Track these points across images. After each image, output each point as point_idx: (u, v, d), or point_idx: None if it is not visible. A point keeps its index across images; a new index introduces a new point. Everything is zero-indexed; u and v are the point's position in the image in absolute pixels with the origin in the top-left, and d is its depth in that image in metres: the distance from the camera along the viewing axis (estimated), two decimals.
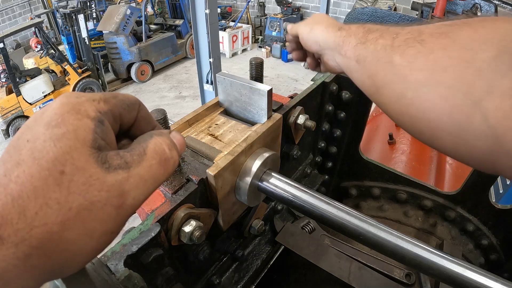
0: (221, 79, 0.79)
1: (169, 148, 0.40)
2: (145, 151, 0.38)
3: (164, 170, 0.39)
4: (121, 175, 0.34)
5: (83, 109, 0.35)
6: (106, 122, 0.37)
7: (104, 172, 0.33)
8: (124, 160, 0.35)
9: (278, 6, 10.94)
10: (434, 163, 1.90)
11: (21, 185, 0.30)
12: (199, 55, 5.10)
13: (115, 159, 0.35)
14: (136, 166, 0.36)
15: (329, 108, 1.12)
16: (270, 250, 1.03)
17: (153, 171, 0.38)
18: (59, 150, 0.31)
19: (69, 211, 0.31)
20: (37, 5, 12.04)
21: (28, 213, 0.30)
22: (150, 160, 0.38)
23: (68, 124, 0.33)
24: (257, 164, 0.70)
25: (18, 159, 0.31)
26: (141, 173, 0.36)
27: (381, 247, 0.61)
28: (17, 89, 7.07)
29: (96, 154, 0.33)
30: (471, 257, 1.22)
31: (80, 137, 0.33)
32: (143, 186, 0.36)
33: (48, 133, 0.32)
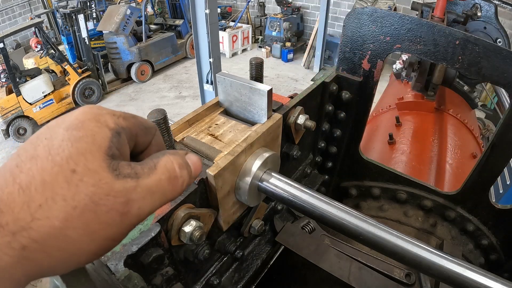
0: (221, 79, 0.79)
1: (179, 167, 0.41)
2: (156, 166, 0.39)
3: (172, 187, 0.40)
4: (130, 184, 0.35)
5: (103, 119, 0.36)
6: (123, 135, 0.38)
7: (113, 178, 0.34)
8: (135, 170, 0.36)
9: (278, 6, 10.93)
10: (434, 163, 1.90)
11: (31, 177, 0.31)
12: (199, 55, 5.10)
13: (126, 168, 0.36)
14: (145, 178, 0.37)
15: (329, 108, 1.11)
16: (270, 250, 1.03)
17: (161, 185, 0.38)
18: (75, 150, 0.33)
19: (74, 209, 0.31)
20: (37, 5, 12.04)
21: (32, 204, 0.30)
22: (160, 174, 0.38)
23: (87, 129, 0.34)
24: (257, 164, 0.70)
25: (33, 154, 0.32)
26: (149, 185, 0.37)
27: (381, 247, 0.61)
28: (17, 89, 7.06)
29: (109, 160, 0.34)
30: (471, 257, 1.22)
31: (97, 142, 0.34)
32: (150, 198, 0.37)
33: (67, 134, 0.33)
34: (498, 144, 0.97)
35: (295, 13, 10.88)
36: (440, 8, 2.23)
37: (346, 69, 1.10)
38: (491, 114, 6.32)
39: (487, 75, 0.87)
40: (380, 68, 1.04)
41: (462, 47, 0.86)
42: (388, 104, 2.64)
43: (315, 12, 10.84)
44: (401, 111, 2.43)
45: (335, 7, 10.27)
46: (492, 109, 6.54)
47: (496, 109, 4.51)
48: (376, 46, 1.01)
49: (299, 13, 11.04)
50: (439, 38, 0.89)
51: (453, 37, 0.87)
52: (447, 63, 0.91)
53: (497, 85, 0.88)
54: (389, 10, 1.01)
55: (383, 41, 0.99)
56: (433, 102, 2.37)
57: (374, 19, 0.97)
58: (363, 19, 0.99)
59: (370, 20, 0.98)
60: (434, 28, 0.89)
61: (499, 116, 4.21)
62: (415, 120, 2.30)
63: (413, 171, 1.81)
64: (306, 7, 11.21)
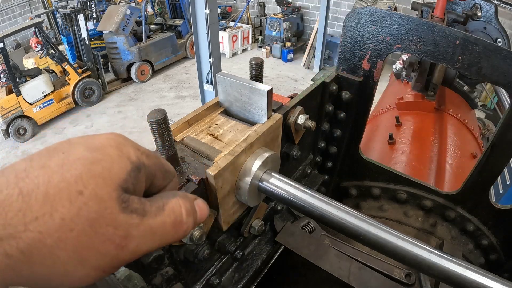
0: (221, 79, 0.79)
1: (187, 214, 0.40)
2: (164, 207, 0.38)
3: (174, 232, 0.39)
4: (134, 220, 0.34)
5: (126, 150, 0.36)
6: (142, 172, 0.37)
7: (119, 210, 0.33)
8: (143, 207, 0.35)
9: (278, 6, 10.93)
10: (434, 163, 1.90)
11: (35, 185, 0.30)
12: (199, 55, 5.10)
13: (135, 203, 0.35)
14: (151, 217, 0.36)
15: (329, 108, 1.12)
16: (270, 250, 1.03)
17: (164, 228, 0.37)
18: (88, 171, 0.32)
19: (70, 231, 0.30)
20: (37, 5, 12.04)
21: (28, 214, 0.29)
22: (166, 217, 0.38)
23: (107, 155, 0.34)
24: (257, 164, 0.70)
25: (44, 163, 0.31)
26: (152, 226, 0.36)
27: (381, 247, 0.61)
28: (17, 89, 7.06)
29: (120, 192, 0.33)
30: (471, 257, 1.22)
31: (114, 171, 0.33)
32: (150, 238, 0.36)
33: (86, 154, 0.33)
34: (498, 144, 0.97)
35: (295, 13, 10.88)
36: (440, 8, 2.23)
37: (346, 69, 1.10)
38: (491, 114, 6.33)
39: (487, 75, 0.87)
40: (380, 68, 1.04)
41: (462, 47, 0.86)
42: (388, 104, 2.64)
43: (315, 12, 10.84)
44: (401, 111, 2.43)
45: (335, 7, 10.27)
46: (492, 109, 6.54)
47: (496, 109, 4.51)
48: (376, 46, 1.01)
49: (299, 13, 11.04)
50: (439, 38, 0.89)
51: (453, 37, 0.87)
52: (447, 63, 0.91)
53: (497, 85, 0.88)
54: (389, 10, 1.01)
55: (383, 41, 0.99)
56: (433, 102, 2.37)
57: (374, 19, 0.97)
58: (363, 19, 0.99)
59: (370, 20, 0.98)
60: (434, 28, 0.89)
61: (499, 116, 4.21)
62: (415, 120, 2.30)
63: (413, 171, 1.81)
64: (306, 7, 11.21)
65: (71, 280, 0.32)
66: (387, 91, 3.19)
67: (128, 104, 8.70)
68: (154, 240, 0.37)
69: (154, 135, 0.59)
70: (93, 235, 0.31)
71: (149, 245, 0.36)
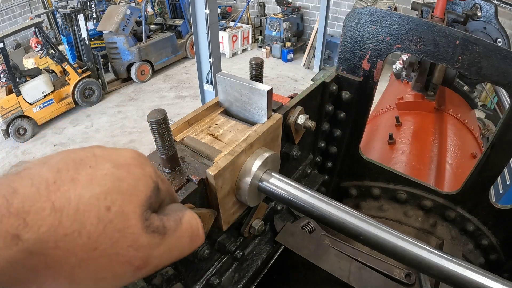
0: (221, 79, 0.79)
1: (202, 227, 0.42)
2: (181, 221, 0.38)
3: (191, 245, 0.40)
4: (155, 240, 0.34)
5: (148, 169, 0.37)
6: (161, 192, 0.38)
7: (142, 230, 0.33)
8: (163, 223, 0.35)
9: (278, 6, 10.93)
10: (434, 163, 1.90)
11: (67, 199, 0.29)
12: (199, 55, 5.10)
13: (157, 220, 0.35)
14: (170, 235, 0.36)
15: (329, 108, 1.12)
16: (270, 250, 1.03)
17: (181, 244, 0.38)
18: (116, 187, 0.32)
19: (94, 251, 0.30)
20: (37, 5, 12.04)
21: (59, 231, 0.28)
22: (184, 231, 0.38)
23: (133, 173, 0.34)
24: (257, 164, 0.70)
25: (74, 176, 0.31)
26: (171, 244, 0.36)
27: (381, 247, 0.61)
28: (17, 89, 7.06)
29: (144, 208, 0.33)
30: (471, 257, 1.22)
31: (139, 189, 0.34)
32: (167, 256, 0.36)
33: (113, 170, 0.33)
34: (498, 144, 0.97)
35: (295, 13, 10.88)
36: (440, 8, 2.23)
37: (346, 69, 1.10)
38: (491, 114, 6.33)
39: (487, 75, 0.87)
40: (380, 68, 1.04)
41: (462, 47, 0.86)
42: (388, 104, 2.64)
43: (315, 12, 10.84)
44: (401, 111, 2.43)
45: (335, 7, 10.27)
46: (492, 109, 6.54)
47: (496, 109, 4.52)
48: (376, 46, 1.01)
49: (299, 13, 11.04)
50: (439, 38, 0.89)
51: (453, 37, 0.87)
52: (447, 63, 0.91)
53: (497, 85, 0.88)
54: (389, 10, 1.01)
55: (383, 41, 0.99)
56: (433, 102, 2.37)
57: (374, 19, 0.97)
58: (363, 19, 0.99)
59: (370, 20, 0.98)
60: (434, 28, 0.88)
61: (499, 116, 4.21)
62: (415, 120, 2.30)
63: (413, 171, 1.81)
64: (306, 7, 11.22)
65: None
66: (387, 91, 3.19)
67: (128, 104, 8.70)
68: (170, 258, 0.37)
69: (154, 135, 0.59)
70: (114, 256, 0.31)
71: (166, 262, 0.37)
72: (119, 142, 7.22)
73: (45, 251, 0.28)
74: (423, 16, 2.49)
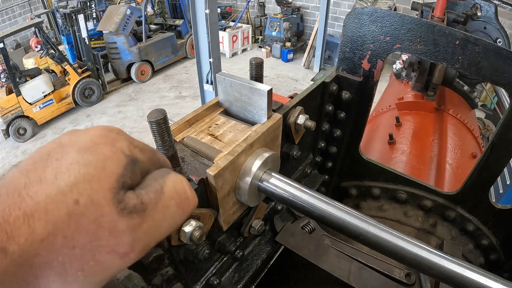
0: (221, 79, 0.79)
1: (189, 187, 0.37)
2: (163, 189, 0.35)
3: (182, 212, 0.36)
4: (135, 221, 0.31)
5: (119, 144, 0.34)
6: (138, 165, 0.34)
7: (117, 215, 0.30)
8: (141, 199, 0.33)
9: (278, 6, 10.93)
10: (434, 163, 1.90)
11: (36, 203, 0.28)
12: (199, 55, 5.10)
13: (132, 199, 0.32)
14: (152, 209, 0.33)
15: (329, 108, 1.12)
16: (270, 250, 1.03)
17: (170, 214, 0.35)
18: (82, 176, 0.30)
19: (73, 249, 0.29)
20: (37, 5, 12.04)
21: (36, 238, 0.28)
22: (168, 200, 0.35)
23: (100, 153, 0.32)
24: (257, 164, 0.70)
25: (41, 176, 0.30)
26: (156, 218, 0.33)
27: (381, 247, 0.61)
28: (17, 89, 7.06)
29: (116, 190, 0.31)
30: (471, 257, 1.22)
31: (108, 168, 0.31)
32: (156, 232, 0.34)
33: (77, 157, 0.31)
34: (498, 144, 0.97)
35: (295, 13, 10.88)
36: (440, 8, 2.23)
37: (346, 69, 1.10)
38: (491, 114, 6.33)
39: (487, 75, 0.87)
40: (380, 68, 1.04)
41: (462, 47, 0.86)
42: (388, 104, 2.64)
43: (315, 12, 10.84)
44: (401, 111, 2.43)
45: (335, 7, 10.27)
46: (492, 109, 6.54)
47: (496, 109, 4.52)
48: (376, 46, 1.01)
49: (299, 13, 11.04)
50: (439, 38, 0.89)
51: (453, 37, 0.87)
52: (447, 63, 0.91)
53: (497, 85, 0.88)
54: (389, 10, 1.01)
55: (383, 41, 0.99)
56: (433, 102, 2.37)
57: (374, 19, 0.97)
58: (363, 19, 0.99)
59: (370, 20, 0.98)
60: (434, 28, 0.88)
61: (499, 116, 4.21)
62: (415, 120, 2.30)
63: (413, 171, 1.81)
64: (306, 7, 11.21)
65: None
66: (387, 91, 3.19)
67: (128, 104, 8.70)
68: (160, 233, 0.34)
69: (154, 135, 0.59)
70: (96, 249, 0.30)
71: (157, 239, 0.34)
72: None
73: (30, 261, 0.28)
74: (423, 16, 2.49)
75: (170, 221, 0.35)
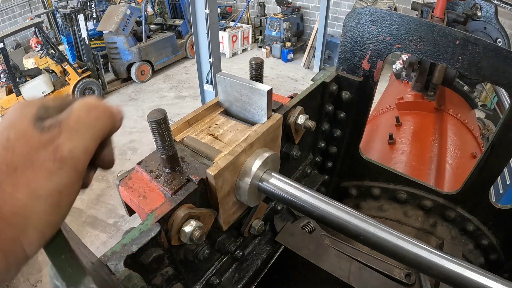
0: (221, 79, 0.79)
1: (95, 100, 0.43)
2: (72, 107, 0.41)
3: (95, 117, 0.42)
4: (54, 132, 0.38)
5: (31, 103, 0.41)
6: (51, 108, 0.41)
7: (39, 133, 0.37)
8: (57, 119, 0.39)
9: (278, 6, 10.92)
10: (434, 163, 1.90)
11: None
12: (199, 55, 5.10)
13: (49, 121, 0.39)
14: (65, 120, 0.40)
15: (329, 108, 1.11)
16: (270, 250, 1.03)
17: (82, 120, 0.41)
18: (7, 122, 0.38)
19: (15, 171, 0.35)
20: (37, 5, 12.03)
21: None
22: (77, 112, 0.41)
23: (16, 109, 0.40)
24: (257, 164, 0.70)
25: None
26: (71, 125, 0.39)
27: (381, 247, 0.61)
28: (17, 89, 7.06)
29: (35, 121, 0.38)
30: (471, 257, 1.22)
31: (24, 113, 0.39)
32: (76, 136, 0.39)
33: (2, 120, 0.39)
34: (498, 144, 0.97)
35: (295, 13, 10.87)
36: (440, 8, 2.23)
37: (346, 69, 1.10)
38: (491, 114, 6.32)
39: (487, 75, 0.87)
40: (380, 68, 1.04)
41: (462, 47, 0.86)
42: (388, 104, 2.64)
43: (315, 12, 10.83)
44: (401, 111, 2.43)
45: (335, 7, 10.26)
46: (492, 109, 6.54)
47: (496, 109, 4.52)
48: (376, 46, 1.01)
49: (299, 13, 11.03)
50: (439, 38, 0.89)
51: (453, 37, 0.87)
52: (447, 63, 0.91)
53: (497, 85, 0.88)
54: (389, 10, 1.01)
55: (383, 41, 0.99)
56: (433, 102, 2.37)
57: (374, 19, 0.97)
58: (363, 19, 0.99)
59: (370, 20, 0.98)
60: (434, 28, 0.89)
61: (499, 116, 4.21)
62: (415, 120, 2.30)
63: (413, 171, 1.81)
64: (306, 7, 11.21)
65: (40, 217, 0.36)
66: (387, 91, 3.19)
67: (128, 104, 8.69)
68: (81, 136, 0.40)
69: (154, 135, 0.59)
70: (32, 164, 0.36)
71: (80, 141, 0.40)
72: (119, 142, 7.22)
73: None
74: (423, 16, 2.49)
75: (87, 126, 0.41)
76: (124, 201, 0.68)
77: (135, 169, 0.69)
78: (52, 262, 0.39)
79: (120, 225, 5.07)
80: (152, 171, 0.67)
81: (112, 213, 5.23)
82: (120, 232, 4.90)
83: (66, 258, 0.39)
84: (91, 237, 4.86)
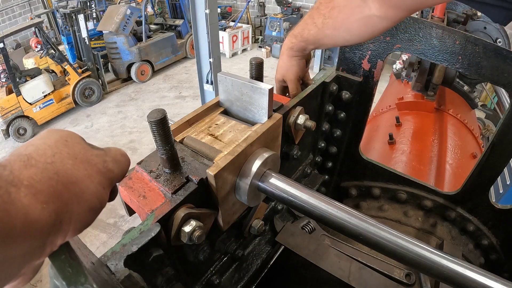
0: (222, 79, 0.79)
1: (123, 152, 0.55)
2: (109, 148, 0.52)
3: (125, 160, 0.53)
4: (102, 151, 0.49)
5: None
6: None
7: (90, 147, 0.48)
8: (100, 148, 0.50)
9: (278, 6, 10.92)
10: (434, 163, 1.90)
11: (35, 147, 0.42)
12: (199, 55, 5.10)
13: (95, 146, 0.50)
14: (107, 150, 0.51)
15: (329, 108, 1.12)
16: (270, 250, 1.03)
17: (118, 157, 0.52)
18: (61, 136, 0.46)
19: (76, 158, 0.44)
20: (37, 5, 12.03)
21: (48, 152, 0.41)
22: (114, 151, 0.52)
23: (60, 131, 0.48)
24: (257, 164, 0.70)
25: (31, 142, 0.44)
26: (112, 155, 0.51)
27: (381, 247, 0.61)
28: (17, 89, 7.06)
29: (82, 139, 0.48)
30: (471, 257, 1.22)
31: (72, 134, 0.48)
32: (116, 163, 0.50)
33: (46, 137, 0.46)
34: (498, 144, 0.97)
35: (295, 13, 10.87)
36: (440, 8, 2.23)
37: (346, 69, 1.10)
38: (491, 114, 6.32)
39: (487, 75, 0.87)
40: (380, 68, 1.05)
41: (462, 47, 0.86)
42: (388, 104, 2.64)
43: None
44: (401, 111, 2.43)
45: None
46: (492, 109, 6.53)
47: (496, 109, 4.52)
48: (376, 46, 1.01)
49: (299, 13, 11.03)
50: (439, 38, 0.89)
51: (453, 37, 0.87)
52: (447, 63, 0.91)
53: (497, 85, 0.88)
54: None
55: (383, 41, 1.00)
56: (433, 102, 2.37)
57: None
58: None
59: None
60: (434, 28, 0.89)
61: (499, 116, 4.22)
62: (415, 120, 2.30)
63: (413, 171, 1.81)
64: (306, 7, 11.21)
65: (90, 194, 0.44)
66: (387, 91, 3.19)
67: (128, 104, 8.69)
68: (119, 165, 0.51)
69: (154, 135, 0.59)
70: (87, 160, 0.45)
71: (118, 168, 0.50)
72: (119, 142, 7.22)
73: (47, 166, 0.40)
74: (423, 16, 2.49)
75: (121, 162, 0.52)
76: (124, 201, 0.68)
77: (135, 169, 0.69)
78: (52, 262, 0.39)
79: (120, 225, 5.07)
80: (152, 171, 0.67)
81: (112, 213, 5.23)
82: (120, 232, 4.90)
83: (66, 258, 0.39)
84: (91, 237, 4.86)
